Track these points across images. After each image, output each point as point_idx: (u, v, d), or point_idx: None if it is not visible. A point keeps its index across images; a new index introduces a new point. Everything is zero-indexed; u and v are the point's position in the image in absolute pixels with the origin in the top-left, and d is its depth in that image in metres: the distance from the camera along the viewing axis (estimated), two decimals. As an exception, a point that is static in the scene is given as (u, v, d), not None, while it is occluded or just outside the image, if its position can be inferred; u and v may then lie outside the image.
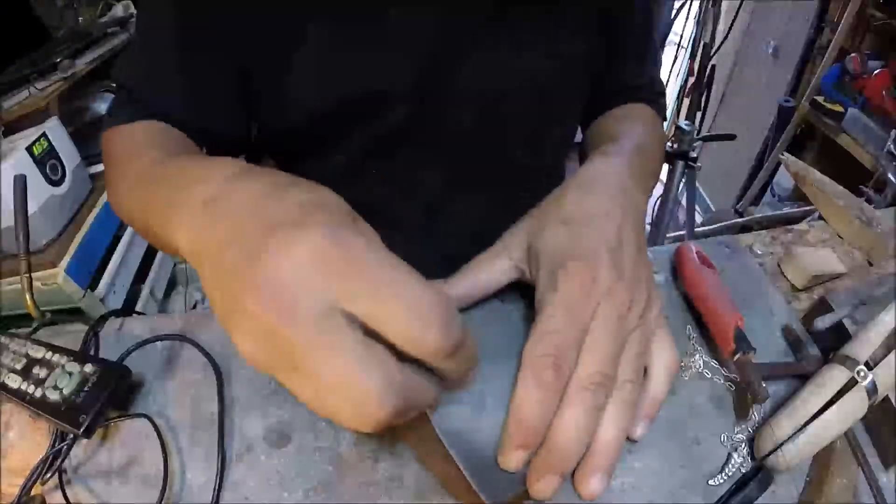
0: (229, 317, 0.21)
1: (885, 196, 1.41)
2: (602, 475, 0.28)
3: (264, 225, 0.21)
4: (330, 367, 0.19)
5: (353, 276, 0.20)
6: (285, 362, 0.20)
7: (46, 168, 1.04)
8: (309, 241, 0.20)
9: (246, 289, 0.20)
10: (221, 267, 0.22)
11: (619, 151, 0.41)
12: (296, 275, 0.20)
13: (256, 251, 0.21)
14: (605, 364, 0.28)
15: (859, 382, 0.30)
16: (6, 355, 0.35)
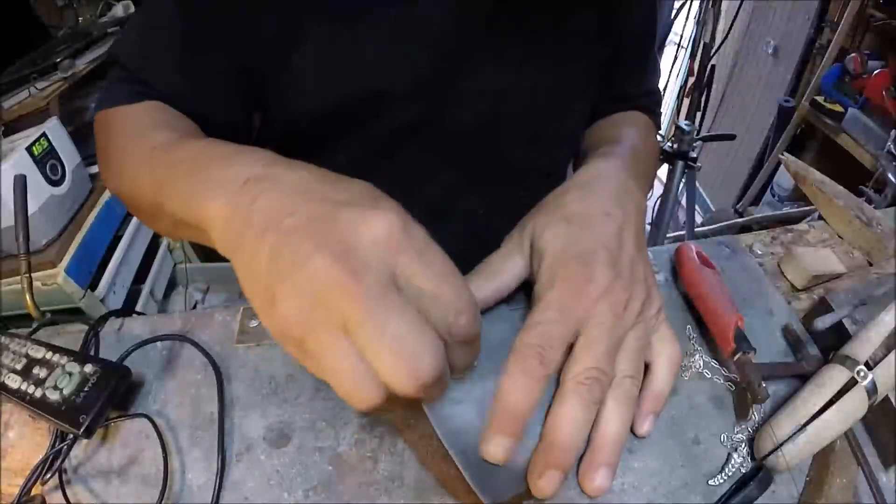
0: (281, 274, 0.22)
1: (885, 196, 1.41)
2: (606, 470, 0.28)
3: (335, 201, 0.23)
4: (394, 323, 0.21)
5: (416, 258, 0.23)
6: (334, 319, 0.21)
7: (46, 168, 1.04)
8: (386, 218, 0.23)
9: (317, 246, 0.22)
10: (278, 231, 0.23)
11: (618, 153, 0.42)
12: (371, 244, 0.22)
13: (331, 219, 0.23)
14: (600, 360, 0.28)
15: (859, 382, 0.30)
16: (6, 355, 0.35)
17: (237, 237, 0.24)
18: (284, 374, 0.36)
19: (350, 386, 0.22)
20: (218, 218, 0.26)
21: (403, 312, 0.22)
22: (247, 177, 0.26)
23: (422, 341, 0.22)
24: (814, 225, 0.50)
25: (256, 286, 0.23)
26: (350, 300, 0.21)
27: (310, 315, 0.22)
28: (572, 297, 0.29)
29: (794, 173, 0.52)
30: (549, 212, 0.34)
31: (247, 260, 0.24)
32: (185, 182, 0.29)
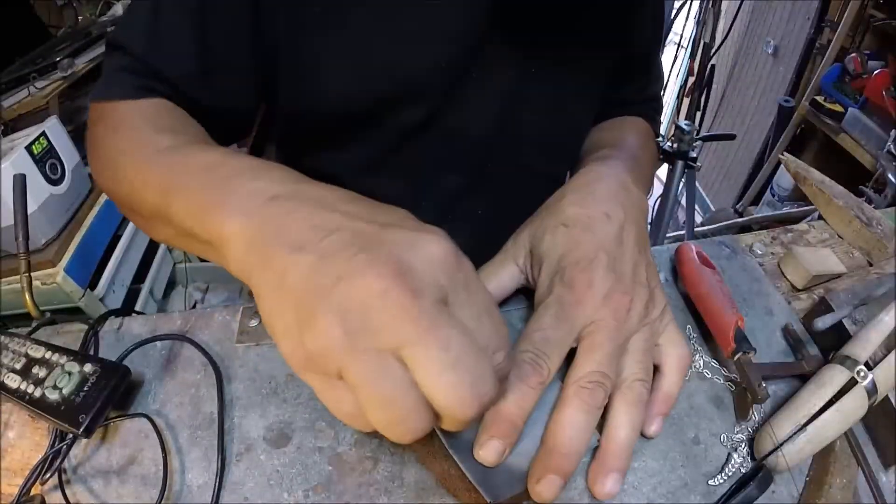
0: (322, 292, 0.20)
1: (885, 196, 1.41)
2: (616, 475, 0.28)
3: (380, 222, 0.22)
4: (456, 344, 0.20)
5: (465, 287, 0.23)
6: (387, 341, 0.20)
7: (46, 167, 1.04)
8: (440, 241, 0.22)
9: (369, 262, 0.20)
10: (319, 248, 0.21)
11: (617, 156, 0.42)
12: (427, 264, 0.21)
13: (380, 238, 0.22)
14: (602, 364, 0.28)
15: (859, 382, 0.30)
16: (6, 355, 0.35)
17: (262, 255, 0.22)
18: (284, 374, 0.36)
19: (400, 415, 0.20)
20: (238, 234, 0.24)
21: (463, 334, 0.21)
22: (274, 193, 0.24)
23: (483, 362, 0.21)
24: (814, 225, 0.50)
25: (285, 306, 0.21)
26: (410, 320, 0.19)
27: (357, 337, 0.20)
28: (571, 303, 0.29)
29: (794, 173, 0.52)
30: (546, 217, 0.34)
31: (275, 278, 0.21)
32: (199, 193, 0.27)
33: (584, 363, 0.28)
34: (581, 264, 0.30)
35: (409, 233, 0.22)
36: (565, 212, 0.34)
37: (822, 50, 1.75)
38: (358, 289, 0.20)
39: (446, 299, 0.22)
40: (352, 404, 0.21)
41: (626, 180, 0.36)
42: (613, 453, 0.28)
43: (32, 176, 1.00)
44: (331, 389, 0.21)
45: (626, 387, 0.29)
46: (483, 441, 0.27)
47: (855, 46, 1.63)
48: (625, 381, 0.29)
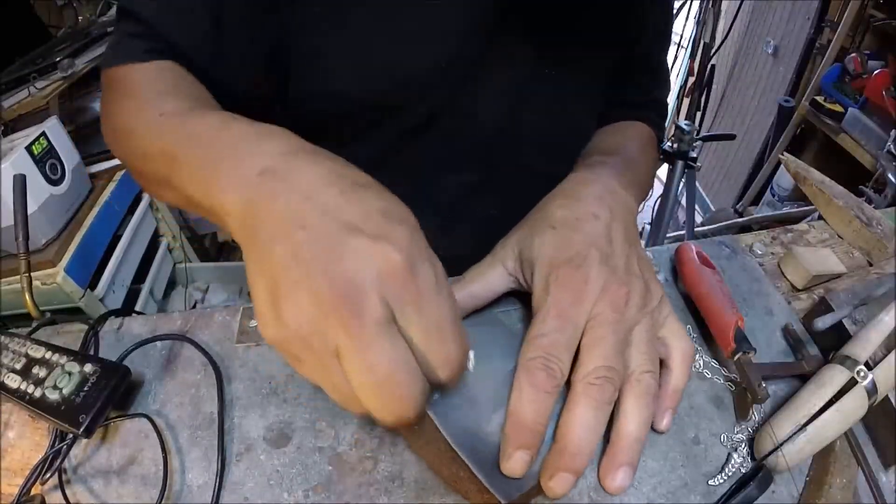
0: (287, 286, 0.22)
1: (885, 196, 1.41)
2: (627, 469, 0.29)
3: (345, 222, 0.23)
4: (383, 365, 0.22)
5: (414, 304, 0.23)
6: (330, 343, 0.22)
7: (46, 167, 1.04)
8: (392, 255, 0.23)
9: (323, 272, 0.22)
10: (288, 243, 0.23)
11: (606, 162, 0.42)
12: (374, 278, 0.22)
13: (339, 244, 0.23)
14: (608, 358, 0.28)
15: (859, 382, 0.30)
16: (6, 355, 0.35)
17: (250, 234, 0.25)
18: (284, 374, 0.36)
19: (339, 399, 0.24)
20: (233, 211, 0.26)
21: (393, 354, 0.22)
22: (262, 167, 0.25)
23: (406, 386, 0.23)
24: (814, 225, 0.50)
25: (259, 288, 0.24)
26: (344, 332, 0.22)
27: (309, 333, 0.22)
28: (570, 302, 0.29)
29: (794, 173, 0.52)
30: (533, 222, 0.35)
31: (255, 259, 0.24)
32: (199, 163, 0.28)
33: (589, 359, 0.28)
34: (574, 262, 0.30)
35: (366, 242, 0.23)
36: (553, 215, 0.34)
37: (822, 50, 1.75)
38: (311, 298, 0.22)
39: (396, 313, 0.23)
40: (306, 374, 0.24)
41: (613, 184, 0.37)
42: (624, 447, 0.28)
43: (32, 176, 1.00)
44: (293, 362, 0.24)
45: (634, 379, 0.29)
46: (509, 453, 0.27)
47: (855, 46, 1.63)
48: (633, 374, 0.29)
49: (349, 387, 0.23)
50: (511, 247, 0.35)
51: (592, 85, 0.49)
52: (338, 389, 0.23)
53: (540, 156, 0.50)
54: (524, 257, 0.33)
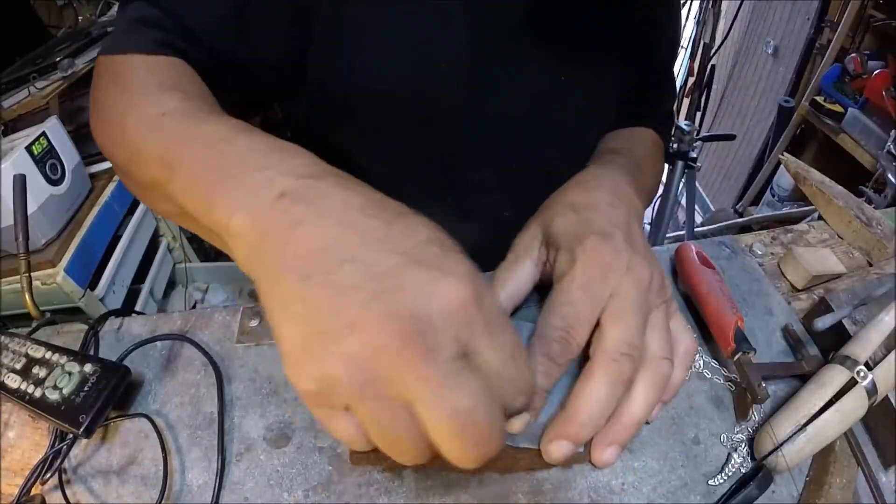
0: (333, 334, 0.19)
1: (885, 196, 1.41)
2: (619, 447, 0.29)
3: (400, 253, 0.21)
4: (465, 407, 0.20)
5: (487, 334, 0.21)
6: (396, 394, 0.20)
7: (46, 167, 1.04)
8: (460, 289, 0.20)
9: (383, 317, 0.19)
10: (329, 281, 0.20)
11: (619, 162, 0.43)
12: (444, 316, 0.20)
13: (398, 281, 0.20)
14: (632, 334, 0.27)
15: (859, 382, 0.30)
16: (6, 355, 0.35)
17: (269, 269, 0.21)
18: (284, 374, 0.36)
19: (404, 453, 0.21)
20: (243, 235, 0.22)
21: (473, 394, 0.20)
22: (282, 189, 0.22)
23: (489, 424, 0.21)
24: (814, 225, 0.50)
25: (292, 333, 0.21)
26: (420, 380, 0.19)
27: (366, 386, 0.20)
28: (597, 274, 0.28)
29: (794, 173, 0.52)
30: (552, 208, 0.35)
31: (282, 301, 0.21)
32: (203, 174, 0.25)
33: (612, 333, 0.27)
34: (600, 234, 0.30)
35: (428, 274, 0.20)
36: (572, 199, 0.34)
37: (822, 50, 1.75)
38: (370, 342, 0.19)
39: (466, 349, 0.21)
40: (353, 432, 0.22)
41: (623, 183, 0.37)
42: (624, 427, 0.28)
43: (32, 176, 1.00)
44: (332, 418, 0.22)
45: (652, 364, 0.28)
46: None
47: (855, 46, 1.63)
48: (652, 359, 0.28)
49: (417, 436, 0.20)
50: (532, 234, 0.34)
51: (609, 93, 0.50)
52: (401, 441, 0.21)
53: (560, 160, 0.50)
54: (547, 238, 0.33)
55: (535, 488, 0.30)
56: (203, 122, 0.28)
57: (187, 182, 0.25)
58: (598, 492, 0.30)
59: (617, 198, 0.34)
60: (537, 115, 0.46)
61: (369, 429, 0.21)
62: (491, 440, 0.21)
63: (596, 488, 0.30)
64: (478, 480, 0.30)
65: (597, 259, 0.29)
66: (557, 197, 0.36)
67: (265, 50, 0.39)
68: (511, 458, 0.30)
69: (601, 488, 0.30)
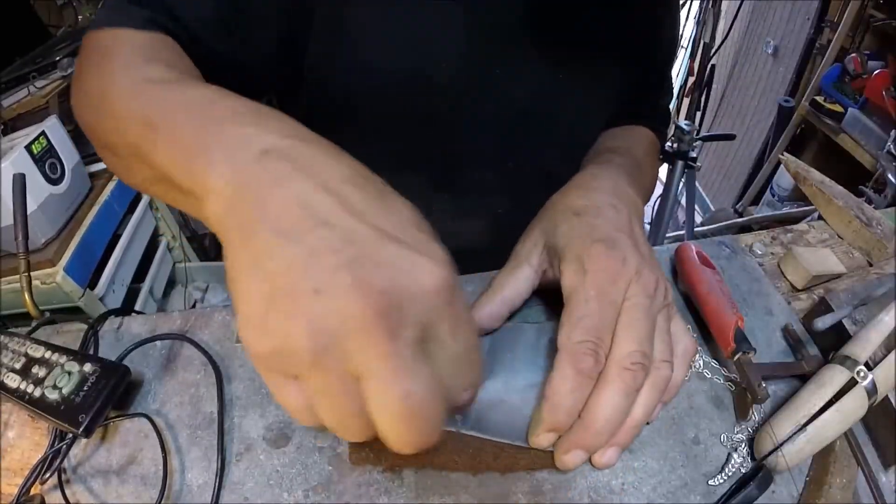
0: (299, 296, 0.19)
1: (885, 196, 1.41)
2: (619, 450, 0.29)
3: (379, 228, 0.20)
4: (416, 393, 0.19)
5: (451, 325, 0.21)
6: (350, 366, 0.19)
7: (45, 167, 1.04)
8: (437, 273, 0.20)
9: (355, 286, 0.18)
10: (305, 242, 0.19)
11: (617, 162, 0.43)
12: (416, 296, 0.20)
13: (375, 254, 0.19)
14: (643, 343, 0.28)
15: (859, 382, 0.30)
16: (5, 354, 0.34)
17: (243, 225, 0.20)
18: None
19: (345, 428, 0.21)
20: (220, 190, 0.21)
21: (427, 382, 0.20)
22: (266, 146, 0.21)
23: (435, 413, 0.20)
24: (814, 225, 0.50)
25: (255, 293, 0.20)
26: (379, 358, 0.19)
27: (324, 354, 0.19)
28: (609, 280, 0.29)
29: (794, 173, 0.52)
30: (553, 213, 0.34)
31: (251, 257, 0.20)
32: (182, 133, 0.24)
33: (625, 342, 0.27)
34: (608, 243, 0.30)
35: (406, 253, 0.20)
36: (574, 204, 0.34)
37: (822, 50, 1.75)
38: (336, 310, 0.18)
39: (427, 334, 0.20)
40: (299, 403, 0.21)
41: (623, 183, 0.37)
42: (625, 429, 0.28)
43: (32, 175, 1.00)
44: (282, 387, 0.21)
45: (654, 367, 0.29)
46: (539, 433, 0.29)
47: (855, 46, 1.63)
48: (653, 362, 0.29)
49: (361, 414, 0.20)
50: (533, 241, 0.34)
51: (608, 92, 0.50)
52: (344, 414, 0.21)
53: (555, 158, 0.51)
54: (549, 246, 0.33)
55: (535, 488, 0.30)
56: (187, 87, 0.27)
57: (168, 144, 0.24)
58: (598, 492, 0.30)
59: (618, 199, 0.34)
60: (536, 115, 0.46)
61: (315, 401, 0.20)
62: (432, 430, 0.21)
63: (596, 488, 0.30)
64: (478, 480, 0.30)
65: (606, 268, 0.29)
66: (558, 200, 0.36)
67: (253, 48, 0.39)
68: (511, 457, 0.30)
69: (601, 488, 0.30)
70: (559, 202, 0.35)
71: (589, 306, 0.28)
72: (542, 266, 0.34)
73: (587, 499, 0.30)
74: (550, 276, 0.33)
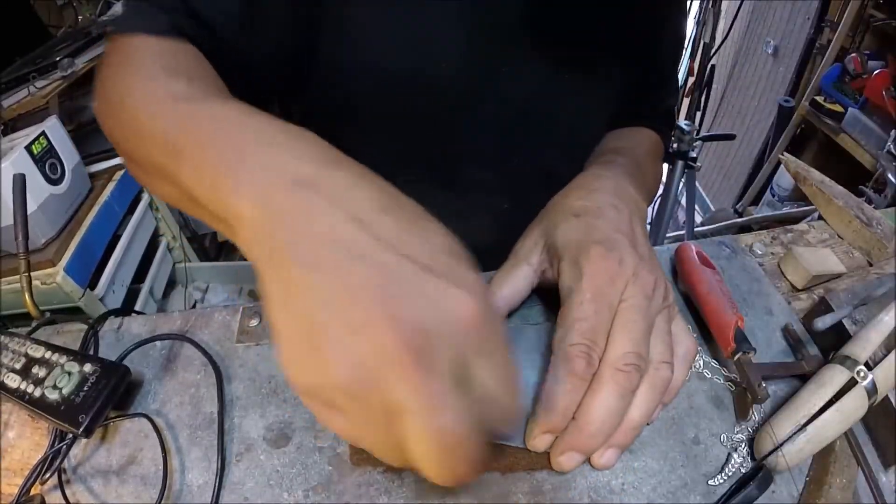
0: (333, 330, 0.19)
1: (885, 196, 1.41)
2: (618, 451, 0.29)
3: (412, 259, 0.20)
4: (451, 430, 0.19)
5: (488, 355, 0.21)
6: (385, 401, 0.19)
7: (46, 167, 1.04)
8: (470, 303, 0.20)
9: (388, 319, 0.19)
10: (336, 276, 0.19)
11: (620, 162, 0.43)
12: (449, 329, 0.19)
13: (407, 286, 0.19)
14: (638, 344, 0.28)
15: (859, 382, 0.30)
16: (5, 354, 0.35)
17: (275, 255, 0.21)
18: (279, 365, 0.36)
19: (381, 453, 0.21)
20: (249, 219, 0.21)
21: (462, 417, 0.19)
22: (295, 174, 0.21)
23: (471, 449, 0.20)
24: (814, 225, 0.50)
25: (291, 326, 0.20)
26: (414, 393, 0.19)
27: (360, 387, 0.19)
28: (605, 282, 0.29)
29: (794, 173, 0.52)
30: (554, 214, 0.35)
31: (285, 290, 0.20)
32: (211, 159, 0.24)
33: (620, 343, 0.28)
34: (606, 244, 0.30)
35: (440, 284, 0.20)
36: (574, 205, 0.34)
37: (822, 50, 1.75)
38: (371, 345, 0.19)
39: (463, 367, 0.20)
40: (345, 429, 0.21)
41: (625, 183, 0.37)
42: (623, 431, 0.28)
43: (32, 176, 1.00)
44: (325, 414, 0.21)
45: (652, 368, 0.29)
46: (536, 434, 0.29)
47: (855, 46, 1.63)
48: (652, 363, 0.29)
49: (397, 446, 0.20)
50: (533, 241, 0.34)
51: (609, 93, 0.50)
52: (384, 445, 0.21)
53: (555, 157, 0.51)
54: (549, 246, 0.33)
55: (535, 488, 0.30)
56: (210, 106, 0.27)
57: (194, 166, 0.24)
58: (598, 492, 0.30)
59: (620, 200, 0.34)
60: (537, 114, 0.46)
61: (354, 431, 0.21)
62: (470, 465, 0.20)
63: (596, 488, 0.30)
64: (478, 481, 0.30)
65: (603, 270, 0.29)
66: (559, 201, 0.36)
67: (269, 46, 0.39)
68: (511, 457, 0.30)
69: (601, 488, 0.30)
70: (560, 203, 0.35)
71: (584, 308, 0.28)
72: (542, 266, 0.34)
73: (587, 499, 0.30)
74: (550, 277, 0.33)
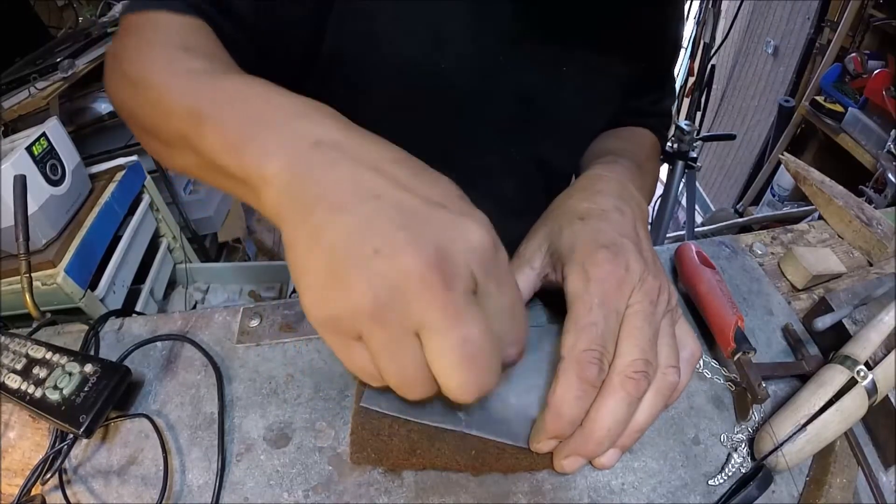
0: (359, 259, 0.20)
1: (885, 196, 1.41)
2: (619, 452, 0.29)
3: (425, 197, 0.22)
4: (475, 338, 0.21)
5: (498, 279, 0.23)
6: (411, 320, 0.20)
7: (46, 168, 1.04)
8: (480, 231, 0.22)
9: (410, 242, 0.20)
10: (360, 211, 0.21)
11: (621, 163, 0.43)
12: (465, 252, 0.21)
13: (424, 216, 0.21)
14: (646, 351, 0.28)
15: (859, 382, 0.30)
16: (6, 355, 0.35)
17: (299, 205, 0.22)
18: (284, 374, 0.36)
19: (410, 383, 0.22)
20: (276, 178, 0.23)
21: (483, 327, 0.21)
22: (318, 137, 0.23)
23: (493, 357, 0.22)
24: (814, 225, 0.50)
25: (317, 263, 0.21)
26: (437, 307, 0.20)
27: (385, 310, 0.20)
28: (613, 287, 0.29)
29: (794, 173, 0.52)
30: (557, 217, 0.34)
31: (310, 233, 0.21)
32: (236, 126, 0.25)
33: (628, 350, 0.28)
34: (612, 249, 0.30)
35: (454, 216, 0.22)
36: (578, 208, 0.34)
37: (822, 50, 1.75)
38: (394, 266, 0.20)
39: (477, 289, 0.22)
40: (366, 362, 0.22)
41: (627, 184, 0.37)
42: (627, 434, 0.29)
43: (33, 176, 1.00)
44: (347, 348, 0.23)
45: (660, 374, 0.29)
46: (541, 439, 0.29)
47: (855, 46, 1.63)
48: (659, 368, 0.29)
49: (423, 366, 0.21)
50: (537, 243, 0.34)
51: (614, 94, 0.50)
52: (406, 369, 0.22)
53: (554, 150, 0.51)
54: (553, 249, 0.33)
55: (535, 488, 0.30)
56: (233, 78, 0.28)
57: (217, 132, 0.25)
58: (598, 492, 0.30)
59: (624, 202, 0.34)
60: (537, 105, 0.46)
61: (378, 358, 0.22)
62: (491, 375, 0.22)
63: (596, 488, 0.30)
64: (478, 480, 0.30)
65: (610, 275, 0.29)
66: (563, 203, 0.36)
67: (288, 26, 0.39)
68: (513, 458, 0.30)
69: (601, 488, 0.30)
70: (564, 204, 0.35)
71: (593, 314, 0.28)
72: (545, 269, 0.34)
73: (587, 499, 0.30)
74: (553, 280, 0.33)
